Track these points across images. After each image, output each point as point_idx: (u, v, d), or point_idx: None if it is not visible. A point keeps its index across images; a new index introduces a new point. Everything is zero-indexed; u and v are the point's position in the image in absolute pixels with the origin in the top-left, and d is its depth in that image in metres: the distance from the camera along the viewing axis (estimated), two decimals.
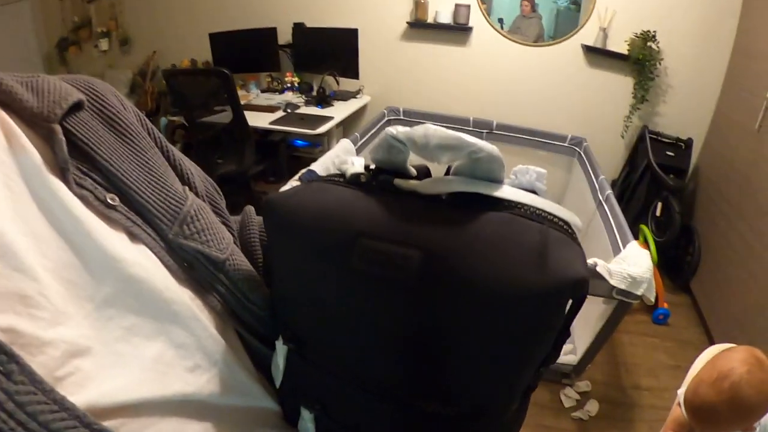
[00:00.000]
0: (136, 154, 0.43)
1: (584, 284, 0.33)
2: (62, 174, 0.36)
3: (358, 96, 3.23)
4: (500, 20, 2.85)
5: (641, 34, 2.53)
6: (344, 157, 0.44)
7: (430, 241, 0.34)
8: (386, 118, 3.09)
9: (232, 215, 0.54)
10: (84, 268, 0.37)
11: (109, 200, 0.39)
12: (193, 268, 0.43)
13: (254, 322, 0.48)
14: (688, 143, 2.57)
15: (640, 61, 2.55)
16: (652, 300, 1.64)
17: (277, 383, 0.48)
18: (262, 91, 3.42)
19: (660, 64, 2.59)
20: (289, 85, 3.37)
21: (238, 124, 2.56)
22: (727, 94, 2.55)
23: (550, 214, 0.36)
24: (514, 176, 0.41)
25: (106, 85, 0.44)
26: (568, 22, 2.74)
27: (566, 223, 0.37)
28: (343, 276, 0.38)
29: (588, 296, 0.87)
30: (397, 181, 0.38)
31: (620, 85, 2.73)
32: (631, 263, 1.59)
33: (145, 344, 0.38)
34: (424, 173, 0.40)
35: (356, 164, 0.42)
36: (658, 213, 2.52)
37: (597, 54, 2.74)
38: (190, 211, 0.44)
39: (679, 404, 1.12)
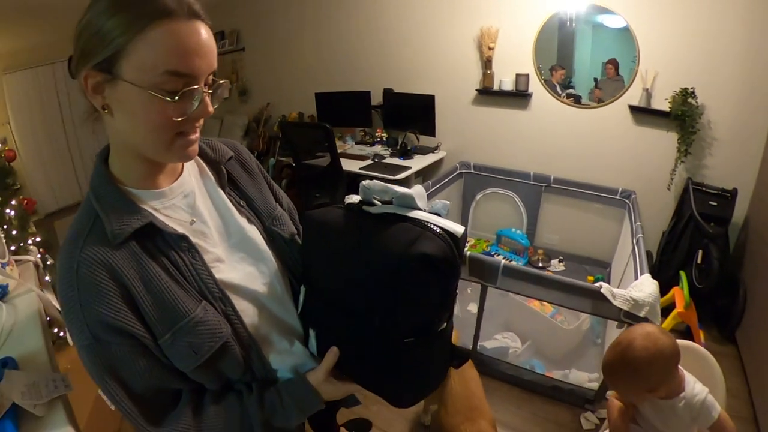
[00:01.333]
0: (255, 184, 0.86)
1: (430, 258, 0.60)
2: (223, 189, 0.79)
3: (435, 151, 3.65)
4: (595, 80, 3.04)
5: (681, 91, 2.66)
6: (350, 195, 0.79)
7: (363, 234, 0.68)
8: (458, 171, 3.50)
9: None
10: (225, 229, 0.78)
11: (241, 204, 0.81)
12: (274, 240, 0.83)
13: (297, 272, 0.85)
14: (733, 193, 2.61)
15: (680, 117, 2.66)
16: (657, 324, 1.83)
17: (298, 312, 0.83)
18: (357, 143, 3.97)
19: (701, 118, 2.68)
20: (379, 139, 3.88)
21: (334, 168, 3.12)
22: None
23: (434, 224, 0.65)
24: (431, 205, 0.72)
25: (242, 147, 0.89)
26: None
27: (444, 230, 0.64)
28: (333, 251, 0.74)
29: (606, 321, 1.79)
30: (364, 207, 0.72)
31: (665, 140, 2.85)
32: (637, 289, 1.81)
33: (246, 266, 0.77)
34: (385, 203, 0.72)
35: (353, 198, 0.76)
36: (699, 261, 2.59)
37: (642, 113, 2.89)
38: (277, 214, 0.86)
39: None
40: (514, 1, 3.09)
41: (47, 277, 2.05)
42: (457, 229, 0.65)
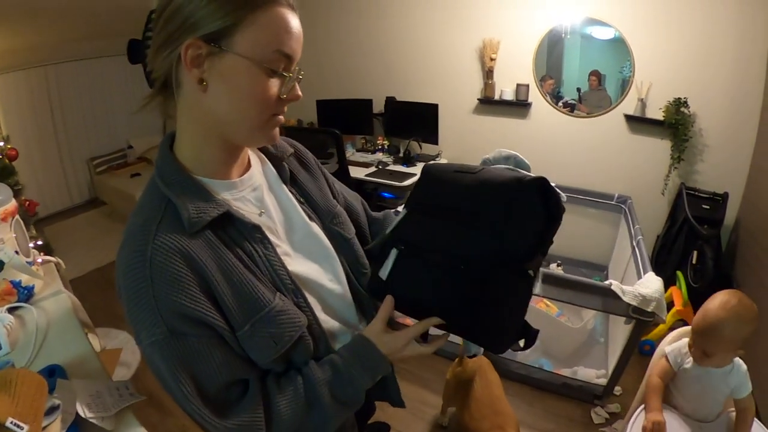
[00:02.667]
0: (314, 182, 0.87)
1: (546, 182, 0.67)
2: (285, 183, 0.80)
3: (437, 159, 3.70)
4: (578, 89, 3.17)
5: (674, 101, 2.79)
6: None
7: (482, 171, 0.74)
8: None
9: None
10: (289, 224, 0.78)
11: (301, 201, 0.82)
12: (333, 238, 0.83)
13: (357, 271, 0.86)
14: (724, 197, 2.76)
15: (673, 125, 2.79)
16: (665, 319, 1.92)
17: (387, 232, 0.81)
18: (357, 150, 4.02)
19: (693, 126, 2.81)
20: (380, 146, 3.92)
21: (342, 174, 3.16)
22: (761, 148, 2.69)
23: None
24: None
25: (300, 146, 0.90)
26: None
27: (545, 180, 0.68)
28: (450, 183, 0.77)
29: (611, 317, 1.89)
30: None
31: (659, 147, 2.97)
32: (644, 286, 1.91)
33: (311, 262, 0.78)
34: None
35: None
36: (694, 261, 2.71)
37: (637, 122, 3.00)
38: (337, 212, 0.86)
39: (666, 358, 1.44)
40: (515, 13, 3.20)
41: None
42: (563, 194, 0.70)
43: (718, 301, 1.30)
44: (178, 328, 0.59)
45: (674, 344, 1.47)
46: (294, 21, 0.63)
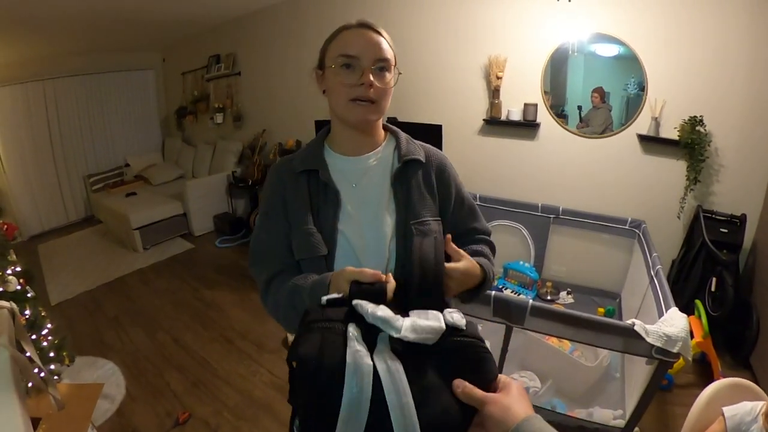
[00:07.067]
0: (419, 188, 0.99)
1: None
2: (393, 179, 0.98)
3: None
4: (579, 107, 3.06)
5: (689, 119, 2.67)
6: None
7: None
8: None
9: None
10: (367, 203, 0.97)
11: (398, 196, 0.97)
12: (407, 234, 0.94)
13: (407, 267, 0.97)
14: (742, 219, 2.61)
15: (689, 145, 2.66)
16: (690, 360, 1.77)
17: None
18: None
19: (709, 146, 2.67)
20: None
21: None
22: None
23: None
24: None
25: (438, 162, 1.05)
26: (636, 107, 2.88)
27: None
28: None
29: (633, 357, 1.68)
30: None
31: (674, 168, 2.83)
32: (668, 324, 1.76)
33: (360, 233, 0.94)
34: None
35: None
36: (713, 288, 2.57)
37: (650, 141, 2.86)
38: (424, 220, 0.96)
39: (723, 418, 1.30)
40: (522, 30, 3.10)
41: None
42: None
43: None
44: (264, 208, 1.02)
45: (737, 407, 1.32)
46: (358, 35, 0.92)
